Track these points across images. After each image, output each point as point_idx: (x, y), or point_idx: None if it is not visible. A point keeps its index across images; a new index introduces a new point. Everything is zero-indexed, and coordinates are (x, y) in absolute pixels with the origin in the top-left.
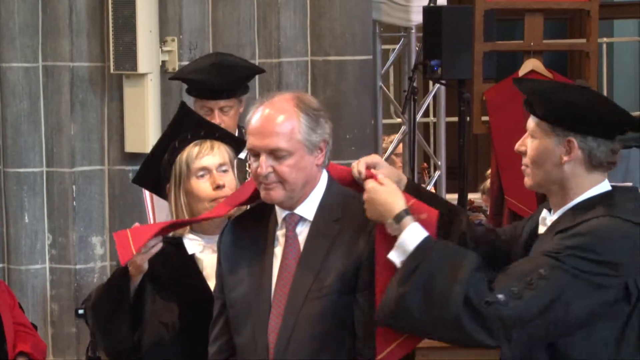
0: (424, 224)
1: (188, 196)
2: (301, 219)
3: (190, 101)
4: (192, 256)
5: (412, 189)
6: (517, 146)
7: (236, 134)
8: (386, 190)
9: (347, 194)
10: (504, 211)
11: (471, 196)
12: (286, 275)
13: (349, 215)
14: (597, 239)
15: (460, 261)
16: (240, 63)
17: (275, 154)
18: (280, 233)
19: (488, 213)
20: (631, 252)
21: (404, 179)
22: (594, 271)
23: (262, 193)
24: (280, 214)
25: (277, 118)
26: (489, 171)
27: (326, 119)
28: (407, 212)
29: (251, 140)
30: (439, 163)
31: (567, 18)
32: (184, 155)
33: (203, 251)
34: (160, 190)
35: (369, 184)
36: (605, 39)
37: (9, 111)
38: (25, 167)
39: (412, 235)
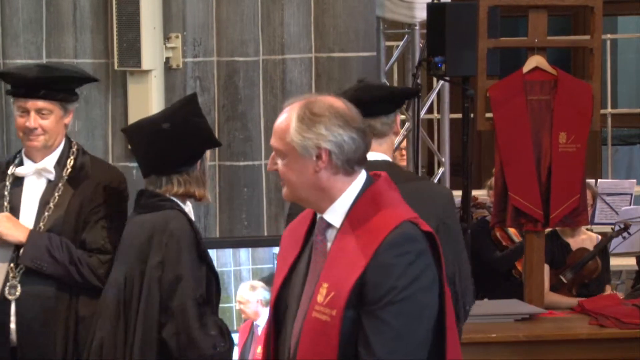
0: None
1: None
2: (329, 225)
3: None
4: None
5: None
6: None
7: (62, 146)
8: None
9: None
10: (507, 207)
11: (475, 192)
12: (312, 280)
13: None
14: None
15: None
16: (70, 68)
17: (277, 152)
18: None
19: (492, 209)
20: None
21: None
22: None
23: None
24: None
25: (279, 119)
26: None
27: (331, 126)
28: None
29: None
30: (443, 160)
31: (571, 15)
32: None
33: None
34: None
35: None
36: (609, 36)
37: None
38: None
39: None
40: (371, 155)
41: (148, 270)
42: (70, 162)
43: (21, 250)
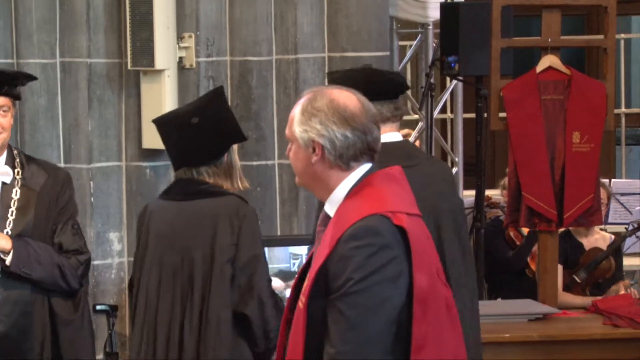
0: None
1: None
2: (329, 216)
3: None
4: None
5: None
6: None
7: (5, 151)
8: None
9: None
10: (521, 207)
11: (488, 192)
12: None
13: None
14: None
15: None
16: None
17: (289, 140)
18: None
19: (505, 209)
20: None
21: None
22: None
23: None
24: None
25: (293, 108)
26: None
27: (326, 121)
28: None
29: None
30: (456, 159)
31: (584, 14)
32: None
33: None
34: None
35: None
36: (622, 35)
37: (27, 107)
38: None
39: None
40: (390, 136)
41: (218, 251)
42: (17, 164)
43: (8, 259)
